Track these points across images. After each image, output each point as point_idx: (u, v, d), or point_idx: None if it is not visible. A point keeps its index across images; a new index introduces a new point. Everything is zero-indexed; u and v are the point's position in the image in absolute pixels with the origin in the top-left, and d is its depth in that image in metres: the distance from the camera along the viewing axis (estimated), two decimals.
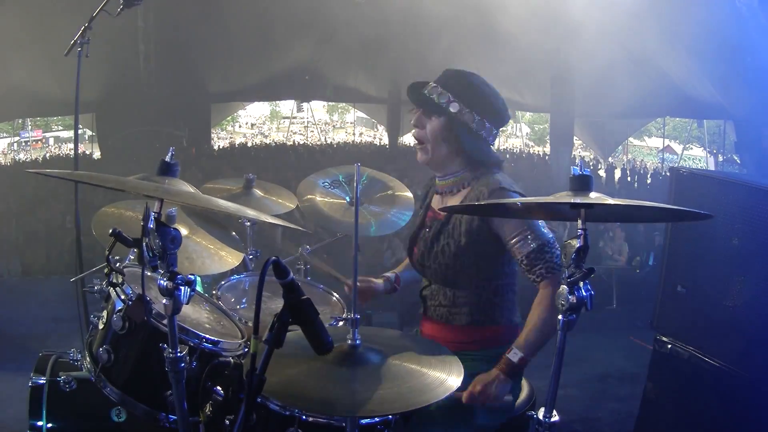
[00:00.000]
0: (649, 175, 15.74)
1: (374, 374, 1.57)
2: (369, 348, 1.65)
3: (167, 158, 1.90)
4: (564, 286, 1.53)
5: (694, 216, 1.86)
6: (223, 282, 2.77)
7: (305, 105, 22.98)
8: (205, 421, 1.87)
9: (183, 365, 1.68)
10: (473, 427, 2.06)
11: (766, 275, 2.71)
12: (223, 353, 1.99)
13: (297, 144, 20.85)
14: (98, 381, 1.95)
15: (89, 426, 2.06)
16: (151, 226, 1.56)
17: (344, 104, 24.89)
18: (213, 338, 1.99)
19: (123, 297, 1.93)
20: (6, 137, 17.83)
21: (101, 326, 2.01)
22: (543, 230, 2.05)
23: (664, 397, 3.14)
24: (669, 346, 3.12)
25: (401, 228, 2.86)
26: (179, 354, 1.67)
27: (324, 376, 1.54)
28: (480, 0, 9.83)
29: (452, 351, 1.77)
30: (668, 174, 3.91)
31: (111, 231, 1.63)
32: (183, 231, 2.22)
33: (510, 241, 2.06)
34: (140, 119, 12.91)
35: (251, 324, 1.94)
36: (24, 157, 17.16)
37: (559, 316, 1.55)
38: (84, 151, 16.14)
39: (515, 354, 2.00)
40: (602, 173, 16.05)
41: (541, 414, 1.66)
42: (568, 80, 12.02)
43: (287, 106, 24.91)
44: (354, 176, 1.90)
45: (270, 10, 12.21)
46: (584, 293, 1.52)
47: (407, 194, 2.92)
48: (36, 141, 19.00)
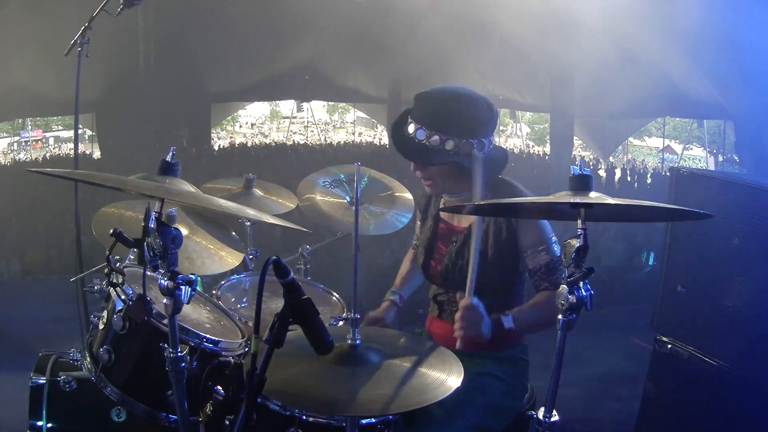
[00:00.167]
0: (649, 175, 15.74)
1: (374, 374, 1.57)
2: (369, 348, 1.65)
3: (168, 158, 1.90)
4: (564, 286, 1.53)
5: (694, 216, 1.87)
6: (223, 282, 2.78)
7: (305, 105, 22.97)
8: (205, 421, 1.87)
9: (183, 365, 1.68)
10: (478, 428, 2.06)
11: (766, 275, 2.71)
12: (224, 353, 1.99)
13: (297, 144, 20.84)
14: (98, 381, 1.95)
15: (89, 426, 2.06)
16: (152, 226, 1.56)
17: (344, 104, 24.86)
18: (213, 338, 1.99)
19: (123, 297, 1.93)
20: (6, 137, 17.80)
21: (101, 326, 2.02)
22: (555, 247, 2.09)
23: (664, 397, 3.14)
24: (669, 346, 3.12)
25: (400, 228, 2.86)
26: (180, 354, 1.67)
27: (324, 376, 1.54)
28: (480, 0, 9.84)
29: (464, 350, 1.77)
30: (668, 174, 3.91)
31: (111, 231, 1.64)
32: (183, 231, 2.22)
33: (525, 252, 2.10)
34: (140, 119, 12.90)
35: (251, 324, 1.94)
36: (24, 157, 17.14)
37: (559, 316, 1.55)
38: (84, 151, 16.13)
39: (508, 321, 2.03)
40: (602, 173, 16.04)
41: (541, 414, 1.66)
42: (568, 80, 12.04)
43: (287, 106, 24.89)
44: (354, 176, 1.90)
45: (270, 10, 12.20)
46: (584, 293, 1.52)
47: (407, 195, 2.92)
48: (36, 141, 18.97)
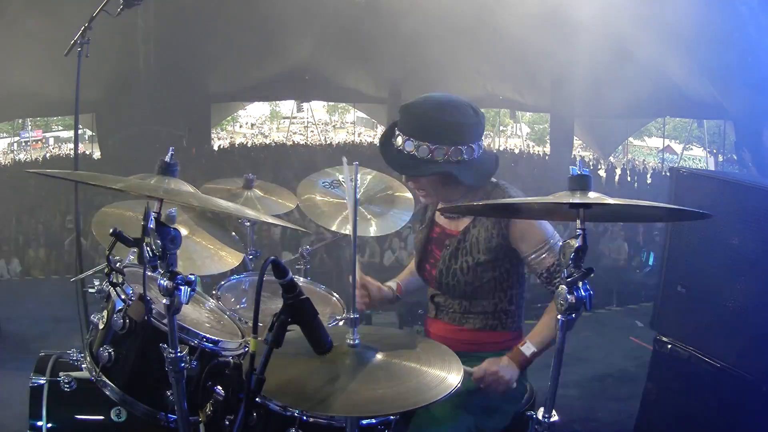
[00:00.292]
0: (649, 175, 15.73)
1: (374, 374, 1.57)
2: (368, 347, 1.65)
3: (167, 158, 1.90)
4: (563, 286, 1.53)
5: (694, 216, 1.87)
6: (223, 282, 2.77)
7: (305, 105, 22.95)
8: (205, 421, 1.87)
9: (183, 365, 1.68)
10: (474, 428, 2.06)
11: (766, 275, 2.71)
12: (223, 353, 1.99)
13: (297, 144, 20.82)
14: (98, 381, 1.95)
15: (89, 426, 2.06)
16: (151, 226, 1.56)
17: (344, 104, 24.85)
18: (213, 338, 1.99)
19: (123, 297, 1.93)
20: (6, 137, 17.78)
21: (101, 326, 2.01)
22: (559, 245, 2.06)
23: (664, 397, 3.14)
24: (669, 346, 3.12)
25: (401, 228, 2.86)
26: (179, 354, 1.67)
27: (324, 376, 1.54)
28: (481, 1, 9.84)
29: (462, 351, 1.79)
30: (668, 174, 3.91)
31: (111, 231, 1.64)
32: (183, 231, 2.22)
33: (529, 257, 2.10)
34: (140, 119, 12.91)
35: (251, 324, 1.94)
36: (24, 157, 17.14)
37: (559, 316, 1.55)
38: (84, 151, 16.12)
39: (528, 348, 2.03)
40: (602, 173, 16.03)
41: (541, 414, 1.66)
42: (568, 80, 12.03)
43: (287, 106, 24.85)
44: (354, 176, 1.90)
45: (270, 10, 12.20)
46: (583, 293, 1.52)
47: (407, 195, 2.92)
48: (36, 141, 18.95)
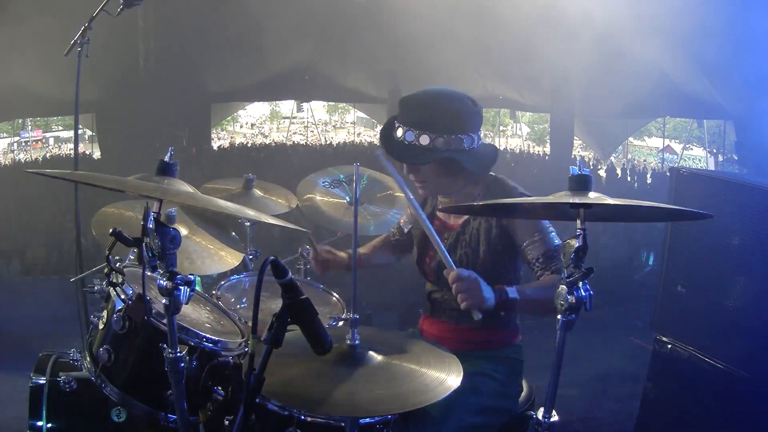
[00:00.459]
0: (649, 175, 15.73)
1: (373, 374, 1.57)
2: (368, 348, 1.65)
3: (166, 158, 1.90)
4: (563, 286, 1.53)
5: (694, 216, 1.87)
6: (223, 282, 2.78)
7: (305, 105, 22.94)
8: (205, 421, 1.87)
9: (183, 365, 1.68)
10: (472, 427, 2.06)
11: (766, 275, 2.71)
12: (223, 353, 1.99)
13: (297, 144, 20.83)
14: (98, 381, 1.95)
15: (89, 426, 2.06)
16: (151, 226, 1.56)
17: (344, 104, 24.85)
18: (213, 338, 1.99)
19: (123, 297, 1.93)
20: (6, 137, 17.78)
21: (101, 326, 2.01)
22: (551, 235, 2.07)
23: (664, 397, 3.14)
24: (669, 346, 3.12)
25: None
26: (179, 354, 1.67)
27: (323, 376, 1.54)
28: (480, 1, 9.84)
29: (459, 350, 1.78)
30: (668, 174, 3.91)
31: (111, 231, 1.64)
32: (183, 231, 2.22)
33: (522, 245, 2.09)
34: (140, 119, 12.90)
35: (251, 324, 1.94)
36: (24, 157, 17.14)
37: (558, 316, 1.55)
38: (84, 151, 16.12)
39: (512, 292, 1.93)
40: (602, 173, 16.03)
41: (541, 414, 1.66)
42: (568, 80, 12.02)
43: (287, 106, 24.85)
44: (353, 176, 1.91)
45: (270, 10, 12.20)
46: (583, 293, 1.52)
47: None
48: (36, 141, 18.95)
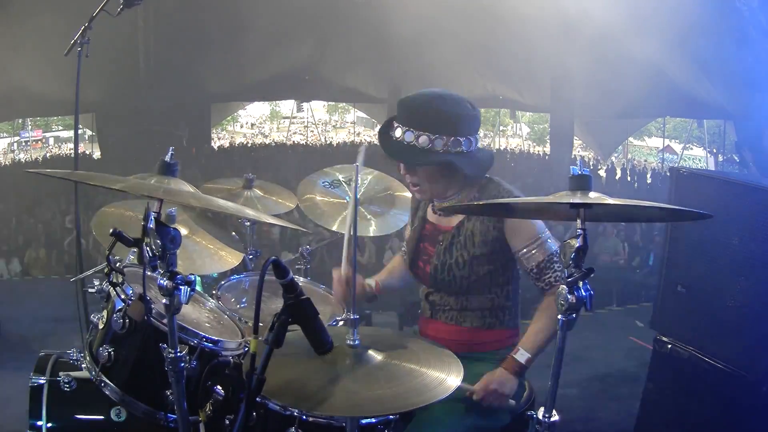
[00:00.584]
0: (649, 175, 15.74)
1: (374, 374, 1.57)
2: (368, 348, 1.65)
3: (167, 158, 1.90)
4: (563, 286, 1.53)
5: (694, 216, 1.86)
6: (223, 282, 2.78)
7: (305, 105, 22.95)
8: (205, 421, 1.87)
9: (183, 365, 1.68)
10: (474, 428, 2.06)
11: (766, 275, 2.71)
12: (223, 353, 1.99)
13: (297, 144, 20.83)
14: (98, 381, 1.95)
15: (89, 426, 2.06)
16: (151, 226, 1.56)
17: (344, 104, 24.86)
18: (213, 338, 1.99)
19: (123, 297, 1.93)
20: (6, 137, 17.80)
21: (101, 326, 2.02)
22: (549, 242, 2.07)
23: (664, 397, 3.14)
24: (669, 346, 3.12)
25: (400, 228, 2.86)
26: (179, 353, 1.67)
27: (324, 376, 1.54)
28: (480, 1, 9.85)
29: (460, 352, 1.78)
30: (668, 174, 3.91)
31: (111, 231, 1.63)
32: (183, 231, 2.22)
33: (519, 252, 2.09)
34: (140, 119, 12.92)
35: (251, 324, 1.94)
36: (24, 157, 17.15)
37: (559, 316, 1.55)
38: (84, 151, 16.13)
39: (522, 355, 2.03)
40: (602, 173, 16.03)
41: (541, 414, 1.66)
42: (568, 80, 12.03)
43: (287, 106, 24.86)
44: (354, 176, 1.91)
45: (270, 10, 12.21)
46: (584, 293, 1.52)
47: (407, 194, 2.92)
48: (36, 141, 18.96)
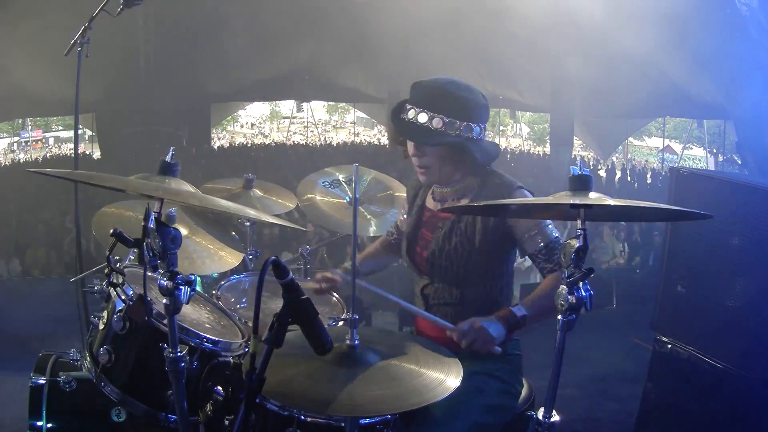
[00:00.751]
0: (649, 175, 15.75)
1: (373, 374, 1.57)
2: (368, 348, 1.65)
3: (167, 158, 1.90)
4: (563, 287, 1.53)
5: (694, 216, 1.87)
6: (223, 282, 2.78)
7: (305, 105, 22.98)
8: (205, 421, 1.87)
9: (183, 365, 1.68)
10: (474, 427, 2.06)
11: (766, 275, 2.71)
12: (223, 353, 1.99)
13: (297, 144, 20.84)
14: (98, 381, 1.95)
15: (89, 426, 2.06)
16: (152, 226, 1.56)
17: (344, 104, 24.87)
18: (213, 338, 1.99)
19: (123, 297, 1.93)
20: (6, 137, 17.81)
21: (102, 326, 2.01)
22: (549, 228, 2.08)
23: (664, 397, 3.15)
24: (669, 346, 3.12)
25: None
26: (179, 354, 1.67)
27: (323, 376, 1.54)
28: (480, 1, 9.85)
29: (456, 350, 1.77)
30: (668, 174, 3.91)
31: (112, 231, 1.63)
32: (183, 231, 2.22)
33: (521, 238, 2.09)
34: (140, 119, 12.92)
35: (251, 324, 1.94)
36: (24, 157, 17.16)
37: (559, 316, 1.55)
38: (84, 151, 16.14)
39: (519, 310, 1.98)
40: (602, 173, 16.04)
41: (541, 414, 1.66)
42: (568, 80, 12.03)
43: (287, 106, 24.90)
44: (353, 176, 1.91)
45: (270, 10, 12.21)
46: (584, 293, 1.52)
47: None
48: (36, 141, 18.98)
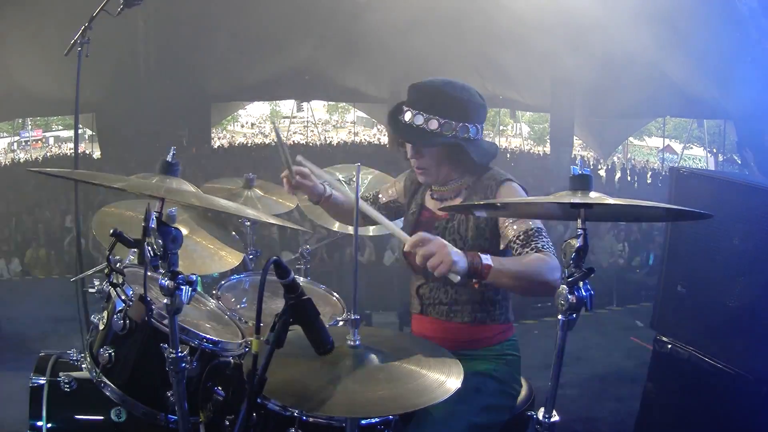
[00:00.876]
0: (649, 175, 15.76)
1: (374, 375, 1.57)
2: (369, 348, 1.65)
3: (168, 158, 1.90)
4: (564, 286, 1.53)
5: (694, 216, 1.87)
6: (223, 282, 2.77)
7: (305, 105, 23.00)
8: (206, 421, 1.87)
9: (184, 365, 1.68)
10: (472, 427, 2.05)
11: (766, 275, 2.71)
12: (224, 353, 1.99)
13: (297, 144, 20.86)
14: (98, 381, 1.95)
15: (89, 426, 2.06)
16: (152, 226, 1.56)
17: (344, 104, 24.89)
18: (213, 338, 1.99)
19: (124, 297, 1.93)
20: (6, 137, 17.83)
21: (102, 327, 2.01)
22: (534, 220, 2.02)
23: (664, 397, 3.15)
24: (669, 346, 3.12)
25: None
26: (180, 354, 1.67)
27: (324, 376, 1.54)
28: (481, 1, 9.85)
29: (453, 350, 1.77)
30: (668, 174, 3.92)
31: (112, 231, 1.63)
32: (183, 231, 2.22)
33: (502, 225, 2.05)
34: (140, 119, 12.92)
35: (251, 324, 1.94)
36: (24, 157, 17.17)
37: (559, 316, 1.55)
38: (84, 151, 16.15)
39: (487, 258, 1.83)
40: (602, 173, 16.05)
41: (541, 414, 1.66)
42: (568, 80, 12.04)
43: (287, 106, 24.92)
44: (354, 176, 1.91)
45: (270, 10, 12.21)
46: (584, 293, 1.52)
47: None
48: (36, 141, 19.01)
